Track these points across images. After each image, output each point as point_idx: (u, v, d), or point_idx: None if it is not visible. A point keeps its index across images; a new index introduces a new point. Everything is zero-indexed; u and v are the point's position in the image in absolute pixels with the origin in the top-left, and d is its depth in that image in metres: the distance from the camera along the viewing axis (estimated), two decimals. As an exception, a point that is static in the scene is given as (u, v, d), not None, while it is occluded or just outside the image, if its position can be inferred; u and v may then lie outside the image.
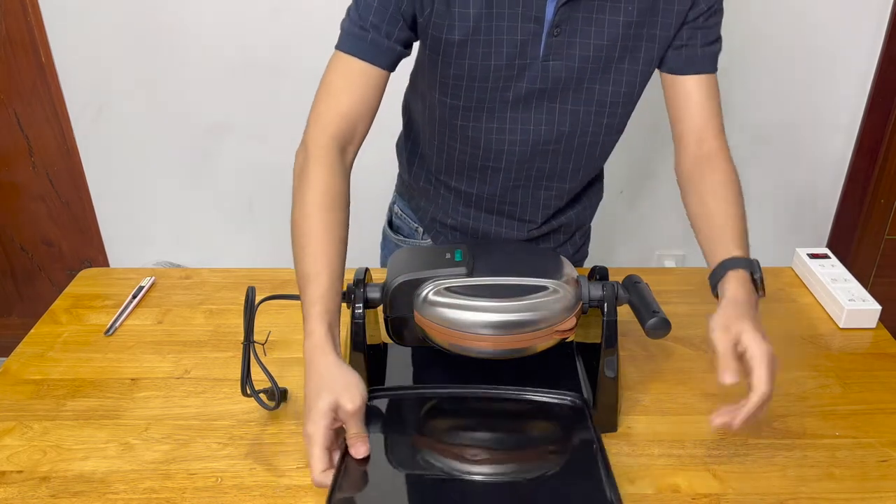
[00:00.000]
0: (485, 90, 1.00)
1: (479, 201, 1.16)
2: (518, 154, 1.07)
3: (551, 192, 1.14)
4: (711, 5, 1.00)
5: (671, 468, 0.88)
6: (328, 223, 0.90)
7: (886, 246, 2.12)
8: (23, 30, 1.86)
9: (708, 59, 1.02)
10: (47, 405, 0.97)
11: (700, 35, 1.01)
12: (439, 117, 1.07)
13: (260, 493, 0.84)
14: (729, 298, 0.87)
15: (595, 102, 1.03)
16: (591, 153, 1.10)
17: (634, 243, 2.17)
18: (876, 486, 0.86)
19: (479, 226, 1.19)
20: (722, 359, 0.82)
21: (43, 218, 2.14)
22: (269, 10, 1.80)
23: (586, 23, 0.96)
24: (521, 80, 0.99)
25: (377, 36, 0.95)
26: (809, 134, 1.97)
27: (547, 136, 1.05)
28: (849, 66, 1.88)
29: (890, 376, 1.04)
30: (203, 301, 1.19)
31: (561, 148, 1.07)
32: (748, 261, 0.91)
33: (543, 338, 0.85)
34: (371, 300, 0.90)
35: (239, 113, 1.93)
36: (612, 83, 1.01)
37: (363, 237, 1.51)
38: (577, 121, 1.04)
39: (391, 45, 0.96)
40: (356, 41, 0.96)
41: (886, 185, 2.02)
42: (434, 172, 1.17)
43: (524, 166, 1.09)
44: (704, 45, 1.01)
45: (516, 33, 0.96)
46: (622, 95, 1.03)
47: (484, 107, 1.03)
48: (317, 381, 0.80)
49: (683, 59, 1.02)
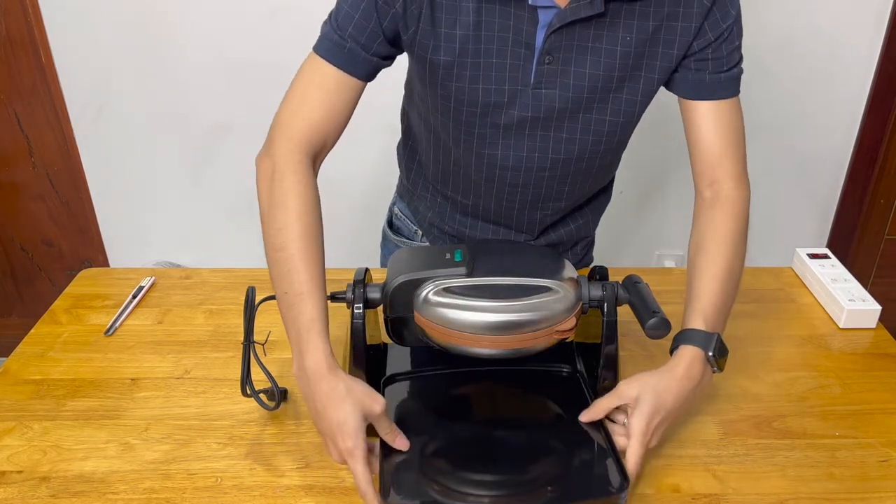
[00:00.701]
0: (474, 115, 0.97)
1: (475, 211, 1.14)
2: (510, 178, 1.04)
3: (547, 211, 1.11)
4: (721, 34, 0.93)
5: (671, 468, 0.88)
6: (311, 239, 0.87)
7: (886, 246, 2.12)
8: (23, 30, 1.86)
9: (721, 84, 0.96)
10: (47, 405, 0.97)
11: (711, 65, 0.95)
12: (434, 129, 1.05)
13: (260, 493, 0.84)
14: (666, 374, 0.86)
15: (592, 132, 0.99)
16: (587, 176, 1.06)
17: (634, 243, 2.16)
18: (876, 486, 0.86)
19: (477, 234, 1.18)
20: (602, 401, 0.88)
21: (43, 218, 2.14)
22: (269, 10, 1.80)
23: (581, 52, 0.92)
24: (513, 108, 0.96)
25: (355, 46, 0.92)
26: (809, 134, 1.97)
27: (541, 163, 1.02)
28: (849, 66, 1.88)
29: (890, 376, 1.04)
30: (203, 301, 1.19)
31: (557, 174, 1.04)
32: (707, 336, 0.88)
33: (543, 338, 0.85)
34: (371, 300, 0.90)
35: (239, 113, 1.93)
36: (609, 113, 0.97)
37: (363, 237, 1.52)
38: (572, 148, 1.00)
39: (369, 58, 0.93)
40: (333, 48, 0.92)
41: (886, 185, 2.02)
42: (431, 181, 1.16)
43: (517, 190, 1.06)
44: (716, 72, 0.95)
45: (506, 58, 0.92)
46: (619, 125, 0.99)
47: (474, 132, 0.99)
48: (335, 398, 0.80)
49: (692, 85, 0.97)
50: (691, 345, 0.87)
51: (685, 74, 0.96)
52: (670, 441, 0.92)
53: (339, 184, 1.96)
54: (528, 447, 0.87)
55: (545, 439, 0.88)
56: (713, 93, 0.96)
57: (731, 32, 0.94)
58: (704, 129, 0.97)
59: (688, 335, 0.88)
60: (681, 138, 1.23)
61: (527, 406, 0.96)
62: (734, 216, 0.97)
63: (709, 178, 0.98)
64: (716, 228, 0.96)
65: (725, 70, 0.96)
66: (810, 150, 2.00)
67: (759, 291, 1.23)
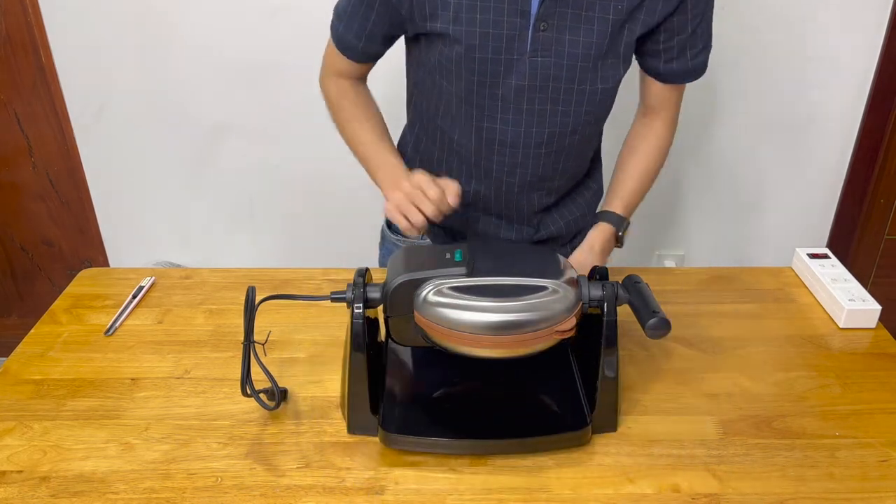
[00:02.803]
0: (472, 83, 1.00)
1: (475, 200, 1.16)
2: (509, 156, 1.07)
3: (542, 191, 1.15)
4: (699, 13, 1.03)
5: (671, 468, 0.88)
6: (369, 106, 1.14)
7: (886, 246, 2.12)
8: (23, 30, 1.86)
9: (688, 73, 1.10)
10: (47, 405, 0.97)
11: (687, 52, 1.06)
12: (435, 108, 1.09)
13: (260, 493, 0.84)
14: (587, 245, 1.06)
15: (585, 101, 1.03)
16: (580, 150, 1.12)
17: (634, 243, 2.16)
18: (876, 486, 0.86)
19: (477, 227, 1.19)
20: None
21: (43, 218, 2.14)
22: (269, 10, 1.80)
23: (575, 19, 0.96)
24: (510, 77, 0.99)
25: (355, 41, 1.06)
26: (809, 134, 1.97)
27: (538, 138, 1.05)
28: (849, 66, 1.88)
29: (890, 376, 1.04)
30: (203, 301, 1.19)
31: (553, 149, 1.07)
32: (619, 218, 1.08)
33: (543, 338, 0.85)
34: (371, 300, 0.89)
35: (239, 113, 1.93)
36: (599, 80, 1.02)
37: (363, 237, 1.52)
38: (567, 121, 1.04)
39: (366, 48, 1.07)
40: (339, 37, 1.07)
41: (886, 185, 2.02)
42: (434, 172, 1.17)
43: (516, 170, 1.09)
44: (693, 57, 1.08)
45: (502, 27, 0.95)
46: (608, 92, 1.05)
47: (473, 102, 1.03)
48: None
49: (662, 71, 1.09)
50: (609, 224, 1.08)
51: (655, 64, 1.08)
52: (670, 441, 0.92)
53: (337, 183, 1.96)
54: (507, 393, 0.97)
55: (523, 387, 0.98)
56: (681, 78, 1.11)
57: (706, 16, 1.05)
58: (657, 86, 1.12)
59: (607, 216, 1.09)
60: (681, 138, 1.23)
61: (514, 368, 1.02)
62: (664, 135, 1.15)
63: (652, 110, 1.15)
64: (647, 136, 1.14)
65: (696, 55, 1.08)
66: (810, 150, 2.00)
67: (759, 291, 1.23)
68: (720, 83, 1.86)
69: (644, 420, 0.95)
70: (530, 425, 0.92)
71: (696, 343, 1.10)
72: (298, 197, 2.03)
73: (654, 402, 0.98)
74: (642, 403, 0.98)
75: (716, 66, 1.83)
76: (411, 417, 0.93)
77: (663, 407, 0.98)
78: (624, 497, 0.84)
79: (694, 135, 1.94)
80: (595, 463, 0.89)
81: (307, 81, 1.23)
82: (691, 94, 1.19)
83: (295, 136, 1.93)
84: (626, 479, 0.86)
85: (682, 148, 1.99)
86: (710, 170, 2.01)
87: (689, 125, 1.95)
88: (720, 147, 1.97)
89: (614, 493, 0.85)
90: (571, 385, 0.97)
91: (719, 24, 1.44)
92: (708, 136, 1.95)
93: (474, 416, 0.94)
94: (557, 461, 0.89)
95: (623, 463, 0.89)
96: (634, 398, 0.99)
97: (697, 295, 1.22)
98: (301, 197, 2.03)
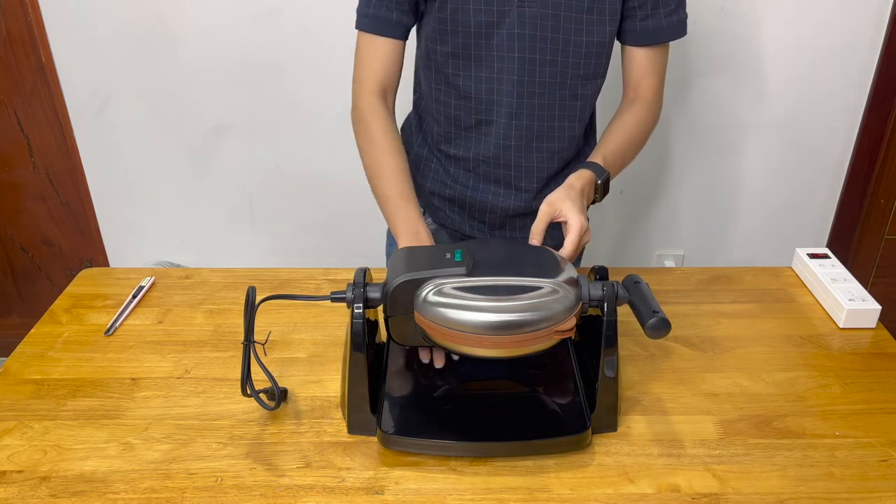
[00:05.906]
0: (469, 35, 1.10)
1: (476, 166, 1.21)
2: (506, 105, 1.14)
3: (542, 154, 1.19)
4: None
5: (671, 468, 0.88)
6: (395, 153, 1.14)
7: (886, 246, 2.12)
8: (23, 30, 1.86)
9: (663, 31, 1.15)
10: (47, 405, 0.97)
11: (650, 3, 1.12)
12: (435, 69, 1.15)
13: (260, 493, 0.84)
14: (566, 184, 1.05)
15: (571, 53, 1.11)
16: (572, 107, 1.17)
17: (634, 243, 2.17)
18: (876, 486, 0.86)
19: (477, 196, 1.23)
20: (535, 224, 0.99)
21: (43, 218, 2.14)
22: (269, 10, 1.80)
23: None
24: (502, 27, 1.09)
25: (388, 13, 1.11)
26: (809, 133, 1.97)
27: (530, 87, 1.12)
28: (849, 66, 1.88)
29: (890, 376, 1.04)
30: (203, 301, 1.19)
31: (545, 102, 1.14)
32: (601, 168, 1.10)
33: (543, 338, 0.84)
34: (371, 300, 0.89)
35: (239, 113, 1.93)
36: (584, 33, 1.10)
37: (363, 237, 1.52)
38: (556, 71, 1.12)
39: (399, 19, 1.12)
40: (368, 21, 1.13)
41: (886, 185, 2.02)
42: (435, 143, 1.23)
43: (513, 122, 1.15)
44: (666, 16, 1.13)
45: None
46: (595, 46, 1.11)
47: (471, 54, 1.11)
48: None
49: (638, 30, 1.14)
50: (588, 170, 1.09)
51: (632, 25, 1.13)
52: (670, 441, 0.92)
53: (337, 183, 1.96)
54: (507, 394, 0.98)
55: (523, 388, 0.99)
56: (655, 37, 1.15)
57: None
58: (638, 57, 1.17)
59: (589, 165, 1.11)
60: (681, 138, 1.23)
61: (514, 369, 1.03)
62: (649, 114, 1.19)
63: (634, 88, 1.19)
64: (632, 114, 1.19)
65: (670, 13, 1.12)
66: (810, 150, 2.00)
67: (759, 291, 1.23)
68: (720, 82, 1.86)
69: (644, 420, 0.95)
70: (530, 428, 0.92)
71: (696, 343, 1.10)
72: (298, 197, 2.03)
73: (653, 402, 0.98)
74: (642, 403, 0.98)
75: (716, 65, 1.83)
76: (410, 419, 0.93)
77: (663, 407, 0.98)
78: (624, 497, 0.84)
79: (694, 135, 1.94)
80: (595, 463, 0.89)
81: (307, 81, 1.24)
82: (691, 94, 1.19)
83: (295, 136, 1.93)
84: (626, 479, 0.86)
85: (682, 148, 1.99)
86: (711, 170, 2.01)
87: (689, 125, 1.95)
88: (720, 147, 1.97)
89: (614, 493, 0.85)
90: (572, 386, 0.97)
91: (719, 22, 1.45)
92: (708, 135, 1.95)
93: (474, 418, 0.94)
94: (558, 461, 0.89)
95: (623, 463, 0.89)
96: (634, 398, 0.99)
97: (697, 295, 1.22)
98: (301, 197, 2.03)
